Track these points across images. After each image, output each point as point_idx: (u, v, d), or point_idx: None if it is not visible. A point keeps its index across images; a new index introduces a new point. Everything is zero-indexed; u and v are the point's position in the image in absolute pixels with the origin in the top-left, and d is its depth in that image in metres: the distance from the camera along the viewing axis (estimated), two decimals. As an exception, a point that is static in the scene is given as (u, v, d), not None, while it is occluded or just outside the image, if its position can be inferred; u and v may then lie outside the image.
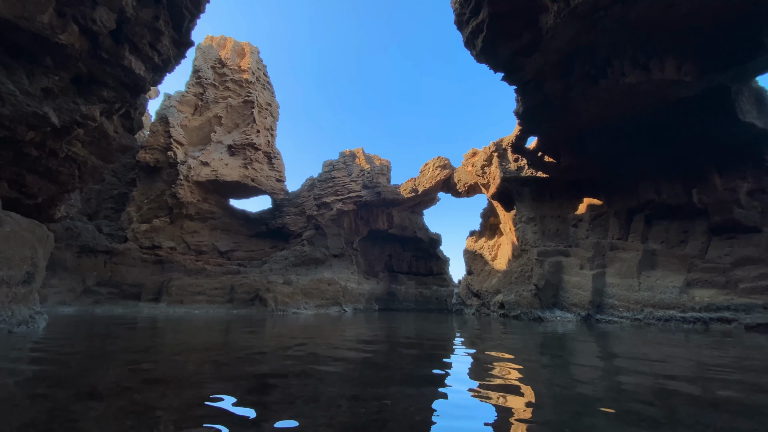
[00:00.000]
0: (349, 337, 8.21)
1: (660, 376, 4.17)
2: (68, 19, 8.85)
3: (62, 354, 5.21)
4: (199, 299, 23.65)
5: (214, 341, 7.22)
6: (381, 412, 2.74)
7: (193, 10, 11.36)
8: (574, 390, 3.51)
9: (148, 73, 11.30)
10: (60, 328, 9.30)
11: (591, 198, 19.25)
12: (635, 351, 6.50)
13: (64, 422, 2.43)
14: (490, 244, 27.02)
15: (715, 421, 2.67)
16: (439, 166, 30.32)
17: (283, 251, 29.55)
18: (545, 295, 17.19)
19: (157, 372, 4.11)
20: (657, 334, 9.77)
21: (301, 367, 4.47)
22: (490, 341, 8.03)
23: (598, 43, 12.23)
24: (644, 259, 15.49)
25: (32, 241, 8.29)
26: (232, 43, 30.70)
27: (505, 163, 21.76)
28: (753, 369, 4.81)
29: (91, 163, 13.30)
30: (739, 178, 14.38)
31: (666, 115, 14.52)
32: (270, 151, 30.32)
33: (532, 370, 4.66)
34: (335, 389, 3.39)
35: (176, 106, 26.91)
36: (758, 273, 12.95)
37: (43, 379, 3.66)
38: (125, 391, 3.23)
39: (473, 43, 14.11)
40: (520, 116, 16.50)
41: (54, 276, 20.17)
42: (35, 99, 9.68)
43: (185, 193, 25.81)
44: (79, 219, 23.39)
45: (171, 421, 2.50)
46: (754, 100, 13.96)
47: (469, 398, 3.25)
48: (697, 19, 11.06)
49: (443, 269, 36.45)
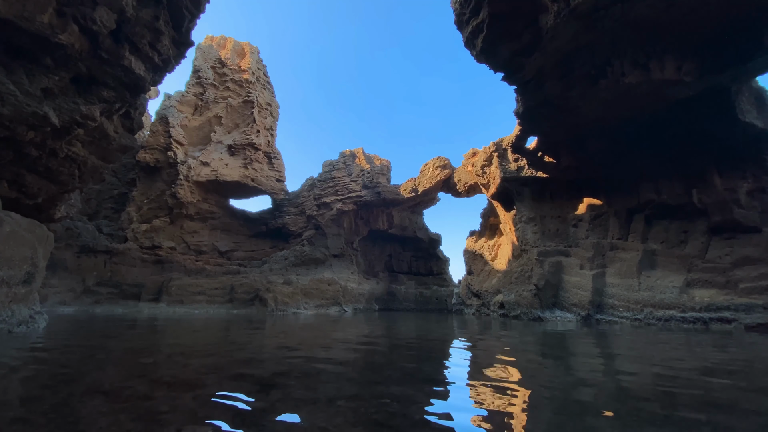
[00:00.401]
0: (349, 337, 8.21)
1: (660, 376, 4.17)
2: (68, 19, 8.84)
3: (62, 354, 5.21)
4: (199, 299, 23.65)
5: (214, 341, 7.22)
6: (380, 412, 2.74)
7: (193, 10, 11.35)
8: (574, 390, 3.51)
9: (148, 73, 11.29)
10: (60, 328, 9.30)
11: (591, 198, 19.24)
12: (635, 351, 6.50)
13: (64, 422, 2.43)
14: (490, 244, 27.01)
15: (716, 422, 2.67)
16: (439, 166, 30.31)
17: (283, 251, 29.55)
18: (545, 295, 17.19)
19: (157, 372, 4.11)
20: (657, 335, 9.77)
21: (300, 366, 4.47)
22: (490, 341, 8.03)
23: (598, 43, 12.22)
24: (644, 259, 15.48)
25: (32, 241, 8.30)
26: (232, 43, 30.70)
27: (505, 163, 21.76)
28: (753, 369, 4.81)
29: (91, 163, 13.30)
30: (739, 178, 14.37)
31: (666, 115, 14.51)
32: (270, 151, 30.32)
33: (532, 370, 4.66)
34: (335, 389, 3.39)
35: (176, 106, 26.91)
36: (758, 273, 12.94)
37: (43, 379, 3.66)
38: (125, 391, 3.24)
39: (473, 43, 14.11)
40: (520, 116, 16.50)
41: (54, 276, 20.17)
42: (35, 99, 9.68)
43: (185, 193, 25.81)
44: (79, 219, 23.39)
45: (171, 420, 2.50)
46: (754, 100, 13.95)
47: (468, 398, 3.25)
48: (697, 19, 11.05)
49: (443, 269, 36.44)
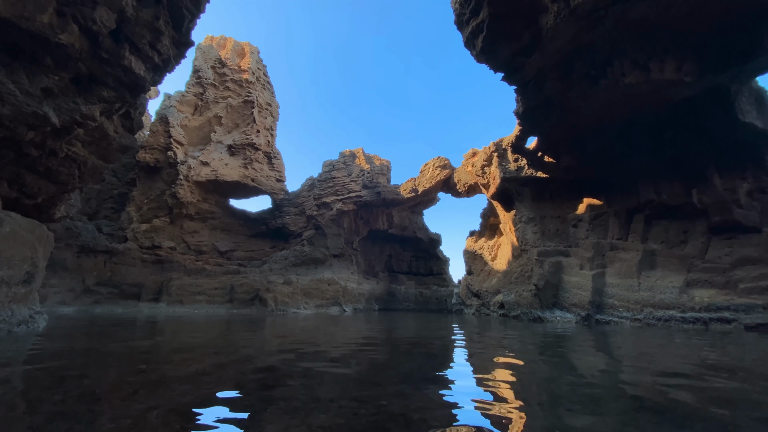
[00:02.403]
0: (349, 337, 8.21)
1: (661, 375, 4.17)
2: (68, 19, 8.84)
3: (61, 354, 5.21)
4: (199, 299, 23.66)
5: (214, 341, 7.22)
6: (379, 413, 2.74)
7: (193, 10, 11.35)
8: (574, 390, 3.51)
9: (148, 73, 11.29)
10: (60, 328, 9.30)
11: (591, 198, 19.24)
12: (635, 351, 6.50)
13: (64, 423, 2.43)
14: (490, 244, 27.01)
15: (717, 422, 2.67)
16: (439, 166, 30.31)
17: (283, 251, 29.55)
18: (545, 295, 17.19)
19: (157, 372, 4.11)
20: (657, 335, 9.77)
21: (300, 366, 4.47)
22: (490, 341, 8.03)
23: (598, 43, 12.22)
24: (644, 259, 15.48)
25: (32, 241, 8.30)
26: (232, 43, 30.70)
27: (505, 163, 21.75)
28: (753, 369, 4.81)
29: (91, 163, 13.30)
30: (739, 178, 14.37)
31: (666, 115, 14.51)
32: (270, 151, 30.32)
33: (532, 370, 4.66)
34: (334, 389, 3.39)
35: (176, 106, 26.91)
36: (758, 273, 12.94)
37: (42, 379, 3.66)
38: (125, 391, 3.24)
39: (473, 43, 14.11)
40: (520, 116, 16.50)
41: (54, 276, 20.17)
42: (35, 99, 9.68)
43: (185, 193, 25.81)
44: (79, 219, 23.39)
45: (172, 420, 2.50)
46: (754, 100, 13.95)
47: (468, 398, 3.25)
48: (697, 19, 11.05)
49: (443, 269, 36.45)
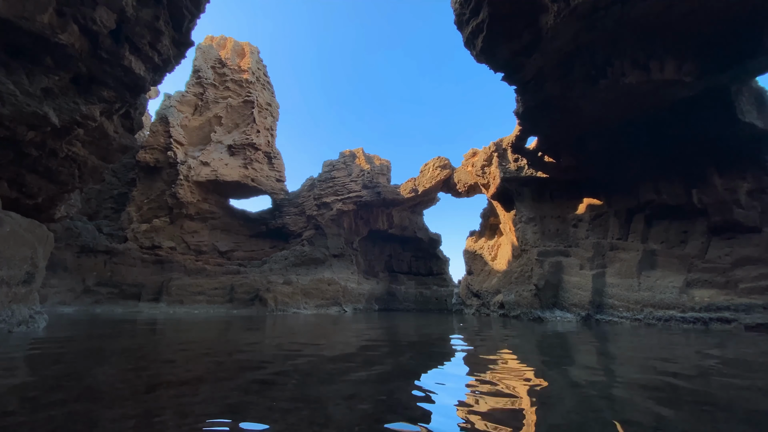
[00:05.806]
0: (349, 337, 8.21)
1: (661, 374, 4.17)
2: (68, 19, 8.84)
3: (61, 354, 5.21)
4: (199, 299, 23.65)
5: (214, 341, 7.22)
6: (379, 412, 2.74)
7: (193, 10, 11.35)
8: (573, 389, 3.51)
9: (148, 73, 11.30)
10: (60, 328, 9.30)
11: (591, 198, 19.24)
12: (635, 351, 6.50)
13: (64, 423, 2.43)
14: (490, 244, 27.00)
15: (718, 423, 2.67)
16: (439, 166, 30.30)
17: (283, 251, 29.55)
18: (545, 295, 17.18)
19: (157, 372, 4.11)
20: (657, 335, 9.77)
21: (300, 365, 4.47)
22: (490, 341, 8.03)
23: (598, 43, 12.22)
24: (644, 259, 15.47)
25: (32, 241, 8.30)
26: (232, 43, 30.70)
27: (505, 163, 21.75)
28: (753, 370, 4.81)
29: (91, 163, 13.30)
30: (739, 178, 14.36)
31: (666, 115, 14.50)
32: (270, 151, 30.32)
33: (531, 369, 4.66)
34: (335, 388, 3.39)
35: (176, 106, 26.91)
36: (758, 273, 12.93)
37: (42, 379, 3.66)
38: (125, 391, 3.24)
39: (473, 43, 14.11)
40: (520, 116, 16.50)
41: (54, 276, 20.17)
42: (35, 99, 9.68)
43: (185, 193, 25.81)
44: (79, 219, 23.39)
45: (172, 420, 2.50)
46: (754, 100, 13.94)
47: (467, 398, 3.25)
48: (697, 19, 11.04)
49: (443, 269, 36.44)
